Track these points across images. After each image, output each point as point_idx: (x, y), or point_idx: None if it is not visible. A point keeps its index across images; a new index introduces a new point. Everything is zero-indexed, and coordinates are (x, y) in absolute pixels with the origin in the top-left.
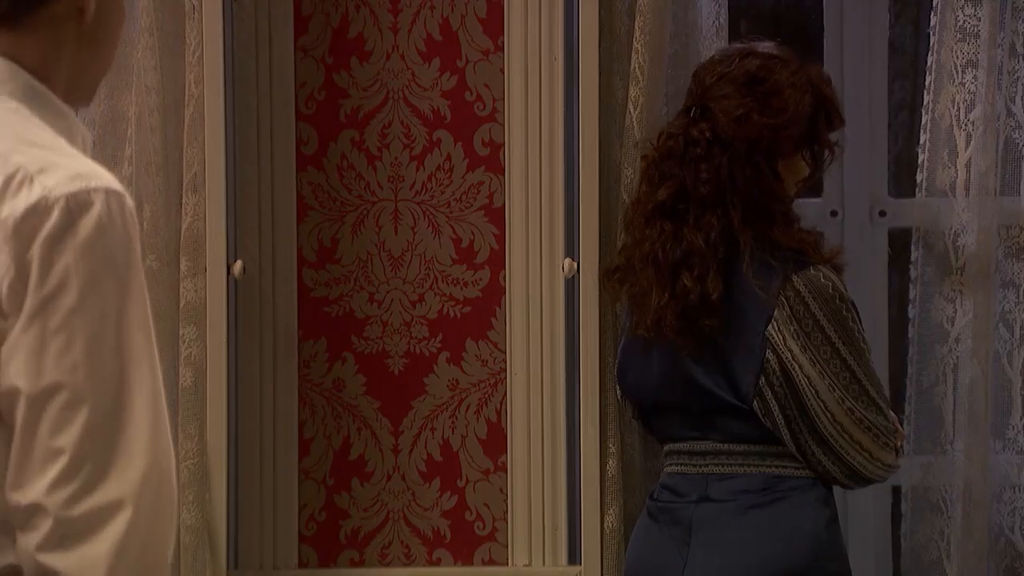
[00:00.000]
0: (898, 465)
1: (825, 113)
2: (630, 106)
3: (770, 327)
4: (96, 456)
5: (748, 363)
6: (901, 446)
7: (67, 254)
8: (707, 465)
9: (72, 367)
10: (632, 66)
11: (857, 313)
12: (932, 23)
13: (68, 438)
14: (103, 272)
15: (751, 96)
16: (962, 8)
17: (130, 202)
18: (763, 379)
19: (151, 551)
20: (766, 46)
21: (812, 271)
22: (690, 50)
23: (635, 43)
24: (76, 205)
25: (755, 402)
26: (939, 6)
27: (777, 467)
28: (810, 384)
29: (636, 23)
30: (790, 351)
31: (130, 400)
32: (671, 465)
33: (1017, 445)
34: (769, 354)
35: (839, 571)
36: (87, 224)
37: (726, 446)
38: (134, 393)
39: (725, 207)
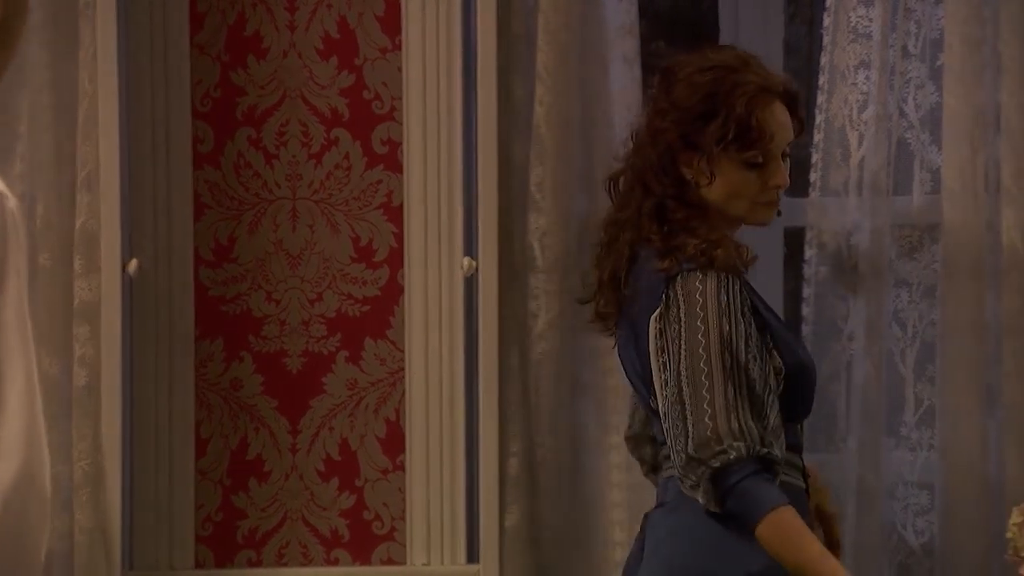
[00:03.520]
0: (699, 485)
1: (723, 121)
2: (536, 105)
3: (650, 325)
4: None
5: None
6: (710, 470)
7: None
8: (668, 468)
9: None
10: (537, 65)
11: (729, 319)
12: (825, 24)
13: None
14: None
15: (659, 89)
16: (855, 9)
17: (12, 202)
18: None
19: (19, 551)
20: (732, 48)
21: (690, 275)
22: (599, 48)
23: (539, 41)
24: None
25: (651, 399)
26: (832, 7)
27: None
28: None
29: (539, 22)
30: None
31: (3, 399)
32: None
33: (910, 442)
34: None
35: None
36: None
37: (665, 449)
38: (6, 392)
39: (639, 206)
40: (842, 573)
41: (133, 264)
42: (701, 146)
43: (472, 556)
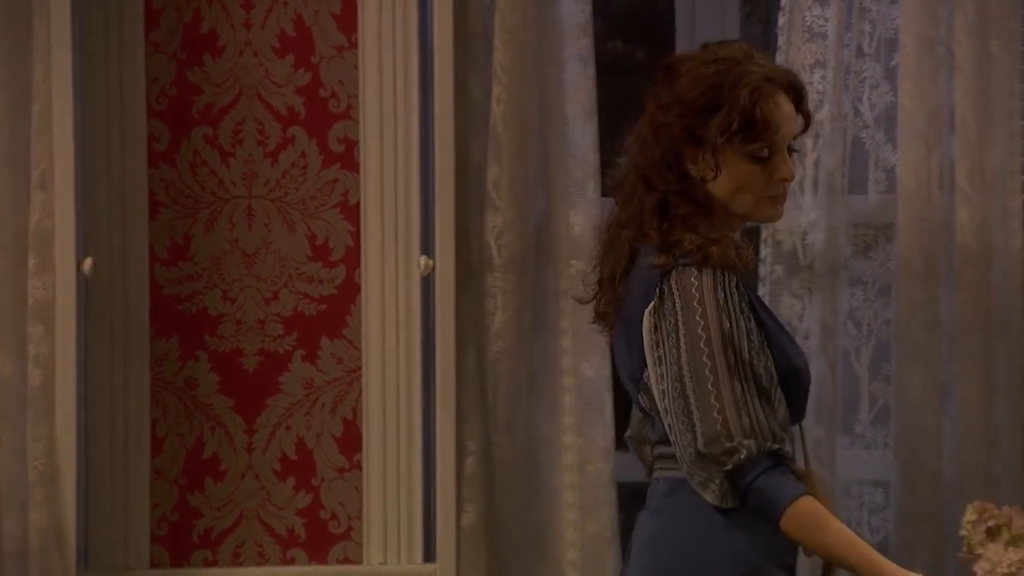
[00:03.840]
0: (718, 479)
1: (727, 113)
2: (493, 103)
3: (644, 320)
4: None
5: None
6: (730, 463)
7: None
8: (655, 469)
9: None
10: (494, 64)
11: (728, 316)
12: (781, 23)
13: None
14: None
15: (661, 85)
16: (810, 8)
17: None
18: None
19: None
20: (736, 41)
21: (686, 270)
22: (555, 47)
23: (495, 40)
24: None
25: (640, 395)
26: (788, 6)
27: (677, 470)
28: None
29: (495, 21)
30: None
31: None
32: None
33: (865, 441)
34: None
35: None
36: None
37: (659, 448)
38: None
39: (641, 203)
40: (870, 550)
41: (88, 263)
42: (706, 139)
43: (429, 555)
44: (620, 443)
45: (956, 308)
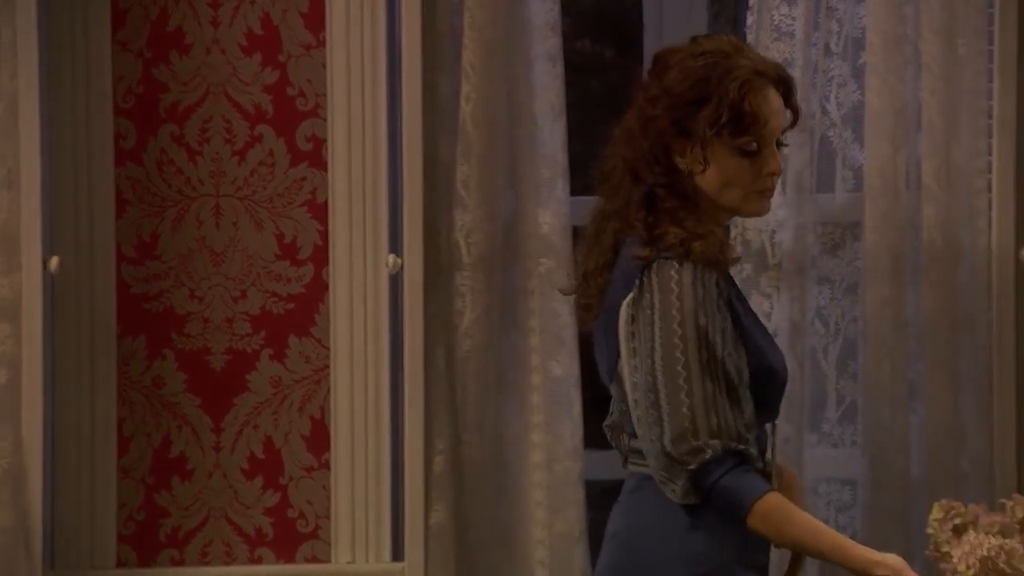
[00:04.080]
0: (677, 479)
1: (715, 106)
2: (462, 102)
3: (621, 311)
4: None
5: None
6: (692, 462)
7: None
8: (629, 462)
9: None
10: (463, 62)
11: (705, 312)
12: (749, 22)
13: None
14: None
15: (649, 77)
16: (778, 8)
17: None
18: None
19: None
20: (724, 35)
21: (666, 264)
22: (523, 46)
23: (464, 39)
24: None
25: (613, 387)
26: (756, 6)
27: (646, 466)
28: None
29: (464, 19)
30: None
31: None
32: None
33: (832, 439)
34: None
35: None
36: None
37: (635, 441)
38: None
39: (628, 195)
40: (837, 536)
41: (54, 261)
42: (694, 133)
43: (397, 554)
44: (588, 441)
45: (923, 306)
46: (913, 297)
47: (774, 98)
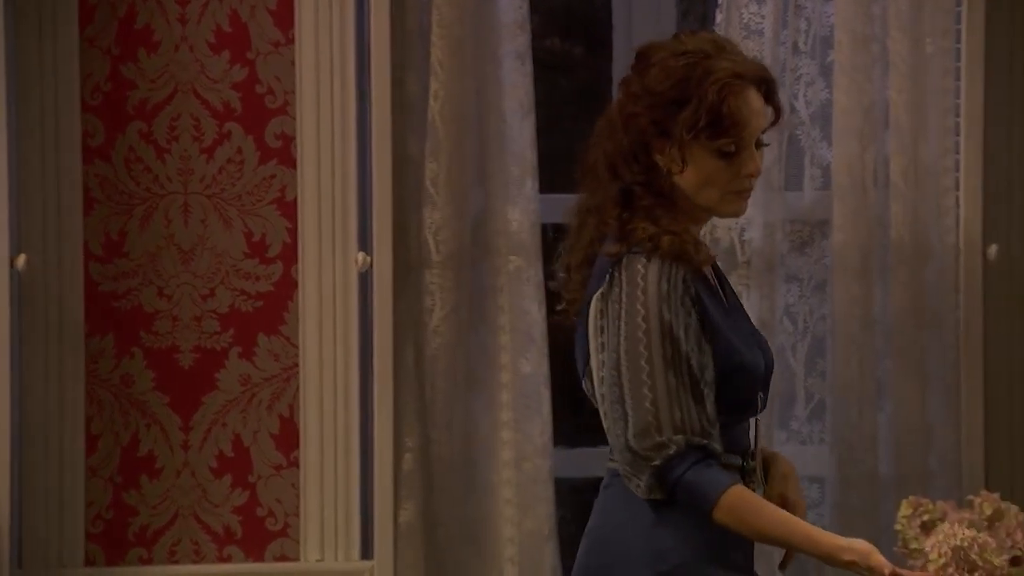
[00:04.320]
0: (642, 473)
1: (694, 108)
2: (431, 99)
3: (592, 304)
4: None
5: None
6: (657, 457)
7: None
8: (609, 461)
9: None
10: (431, 60)
11: (669, 307)
12: (718, 20)
13: None
14: None
15: (632, 72)
16: (747, 6)
17: None
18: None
19: None
20: (708, 32)
21: (635, 258)
22: (492, 44)
23: (433, 36)
24: None
25: (584, 381)
26: (725, 4)
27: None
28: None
29: (433, 17)
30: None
31: None
32: None
33: (800, 436)
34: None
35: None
36: None
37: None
38: None
39: (607, 191)
40: (805, 526)
41: (21, 259)
42: (673, 133)
43: (366, 552)
44: (558, 439)
45: (891, 304)
46: (881, 295)
47: (754, 99)
